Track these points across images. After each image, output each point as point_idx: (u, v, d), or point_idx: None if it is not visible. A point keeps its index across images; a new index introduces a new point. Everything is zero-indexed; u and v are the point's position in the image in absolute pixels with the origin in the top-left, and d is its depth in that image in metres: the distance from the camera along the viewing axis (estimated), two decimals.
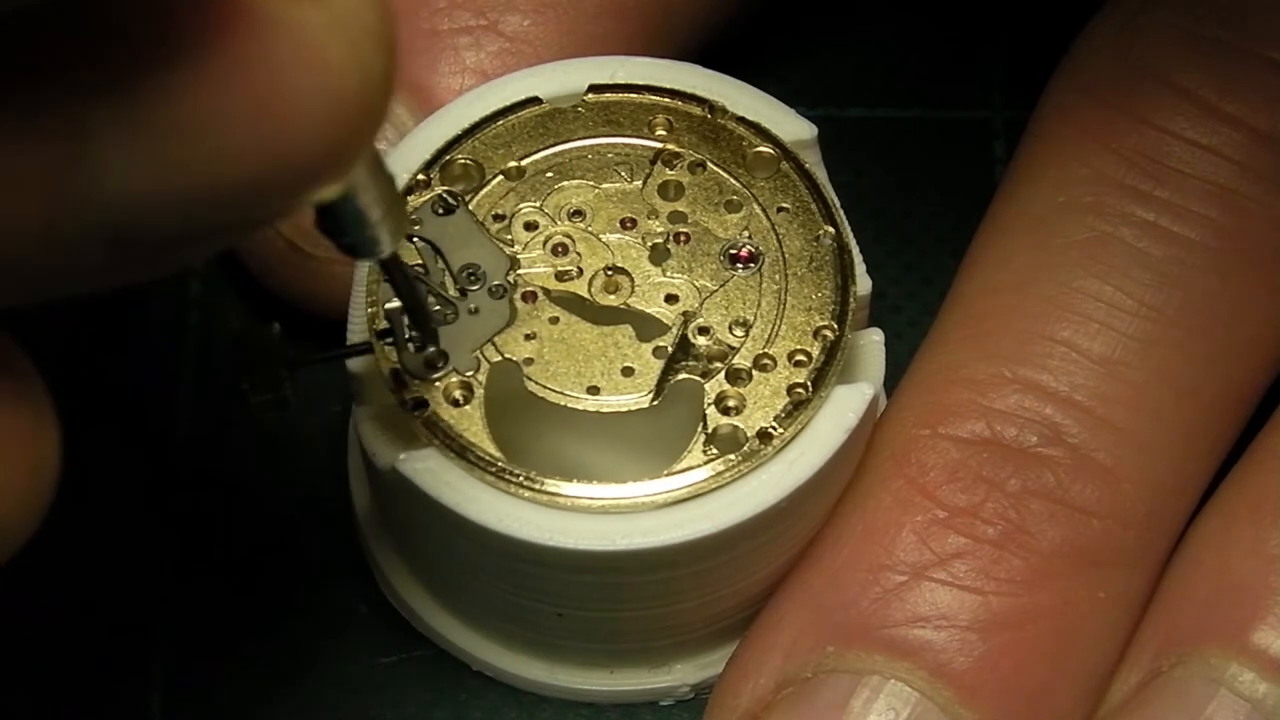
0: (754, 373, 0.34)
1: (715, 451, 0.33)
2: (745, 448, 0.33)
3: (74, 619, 0.38)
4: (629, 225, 0.35)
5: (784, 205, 0.35)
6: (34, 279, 0.23)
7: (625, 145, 0.36)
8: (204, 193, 0.22)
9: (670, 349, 0.34)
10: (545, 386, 0.34)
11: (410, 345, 0.33)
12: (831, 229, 0.35)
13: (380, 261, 0.31)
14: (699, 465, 0.33)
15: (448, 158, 0.36)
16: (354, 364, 0.34)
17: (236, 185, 0.22)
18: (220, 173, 0.22)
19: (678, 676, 0.37)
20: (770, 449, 0.33)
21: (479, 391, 0.34)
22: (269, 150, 0.22)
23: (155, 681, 0.37)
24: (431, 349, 0.33)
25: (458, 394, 0.33)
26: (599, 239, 0.35)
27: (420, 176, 0.35)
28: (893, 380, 0.36)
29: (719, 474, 0.33)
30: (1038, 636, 0.33)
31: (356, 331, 0.35)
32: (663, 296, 0.34)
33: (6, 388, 0.25)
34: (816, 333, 0.34)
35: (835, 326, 0.34)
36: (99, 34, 0.21)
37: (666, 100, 0.36)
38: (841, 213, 0.35)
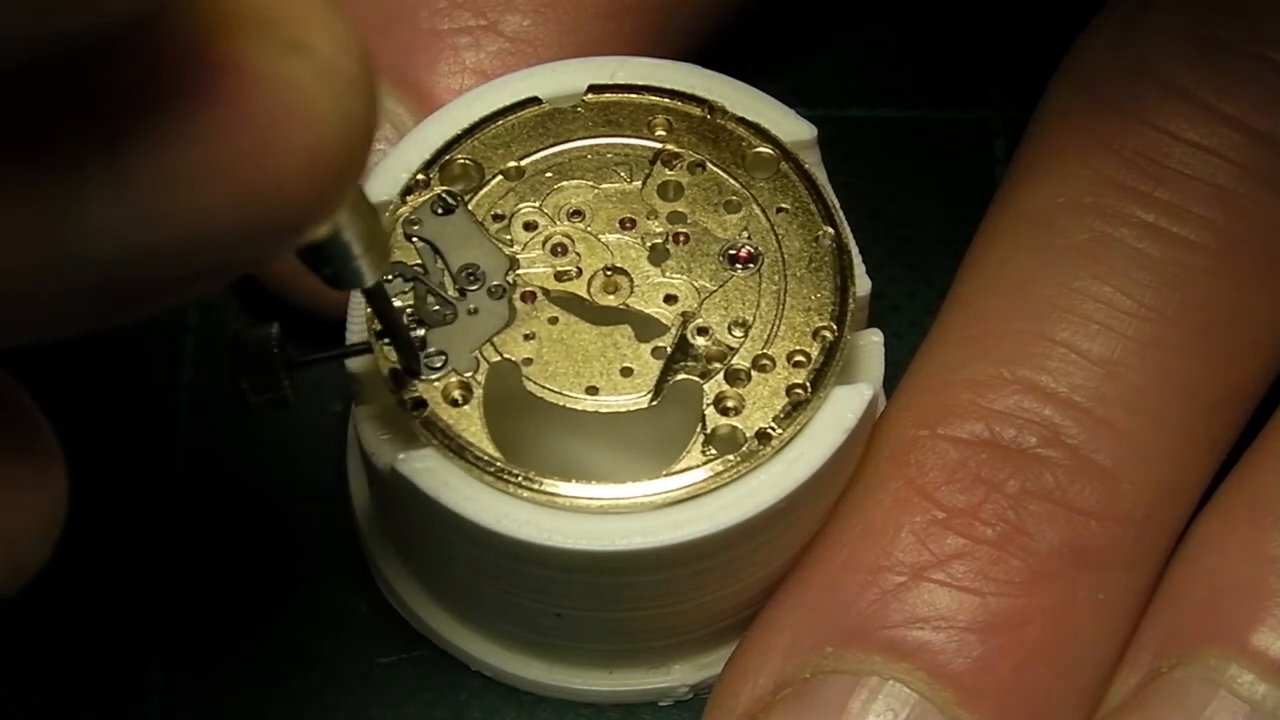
0: (753, 373, 0.34)
1: (714, 452, 0.33)
2: (744, 448, 0.33)
3: (74, 619, 0.38)
4: (628, 225, 0.35)
5: (783, 206, 0.35)
6: (22, 323, 0.23)
7: (625, 145, 0.36)
8: (191, 242, 0.22)
9: (669, 349, 0.34)
10: (544, 386, 0.34)
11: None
12: (831, 230, 0.35)
13: (363, 290, 0.31)
14: (698, 466, 0.33)
15: (447, 158, 0.36)
16: (353, 364, 0.34)
17: (223, 235, 0.22)
18: (207, 223, 0.22)
19: (676, 677, 0.37)
20: (769, 449, 0.33)
21: (478, 391, 0.34)
22: (255, 201, 0.22)
23: (155, 681, 0.37)
24: (413, 363, 0.33)
25: (457, 394, 0.33)
26: (598, 239, 0.35)
27: (420, 176, 0.35)
28: (893, 380, 0.36)
29: (718, 474, 0.33)
30: (1037, 637, 0.33)
31: (356, 331, 0.35)
32: (662, 297, 0.34)
33: (11, 433, 0.25)
34: (816, 333, 0.34)
35: (834, 327, 0.34)
36: (90, 87, 0.22)
37: (666, 100, 0.36)
38: (841, 213, 0.35)
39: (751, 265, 0.35)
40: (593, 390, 0.34)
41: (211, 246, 0.22)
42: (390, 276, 0.34)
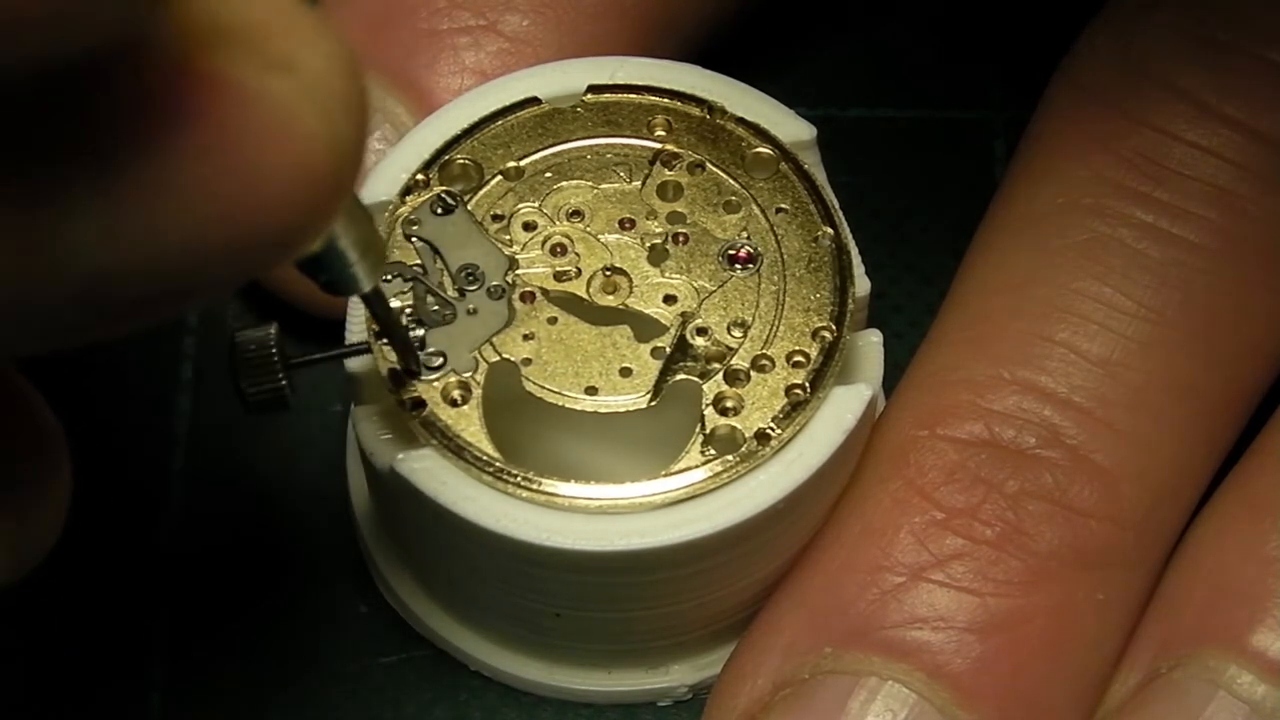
0: (752, 374, 0.34)
1: (713, 452, 0.33)
2: (743, 449, 0.33)
3: (74, 619, 0.38)
4: (628, 226, 0.35)
5: (783, 206, 0.35)
6: (7, 338, 0.23)
7: (624, 146, 0.36)
8: (176, 260, 0.22)
9: (668, 349, 0.34)
10: (543, 387, 0.34)
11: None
12: (830, 230, 0.35)
13: (360, 295, 0.31)
14: (697, 466, 0.33)
15: (447, 158, 0.36)
16: (353, 364, 0.34)
17: (209, 253, 0.22)
18: (192, 242, 0.22)
19: (675, 677, 0.37)
20: (768, 450, 0.33)
21: (477, 391, 0.34)
22: (241, 220, 0.22)
23: (155, 681, 0.37)
24: (412, 364, 0.33)
25: (456, 394, 0.33)
26: (598, 239, 0.35)
27: (419, 176, 0.35)
28: (893, 380, 0.36)
29: (717, 475, 0.33)
30: (1036, 638, 0.33)
31: (355, 331, 0.35)
32: (661, 297, 0.34)
33: (21, 429, 0.25)
34: (815, 334, 0.34)
35: (834, 327, 0.34)
36: (71, 106, 0.21)
37: (666, 101, 0.36)
38: (840, 214, 0.35)
39: (751, 265, 0.35)
40: (592, 390, 0.34)
41: (197, 264, 0.22)
42: (389, 276, 0.34)
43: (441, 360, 0.34)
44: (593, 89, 0.36)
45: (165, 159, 0.21)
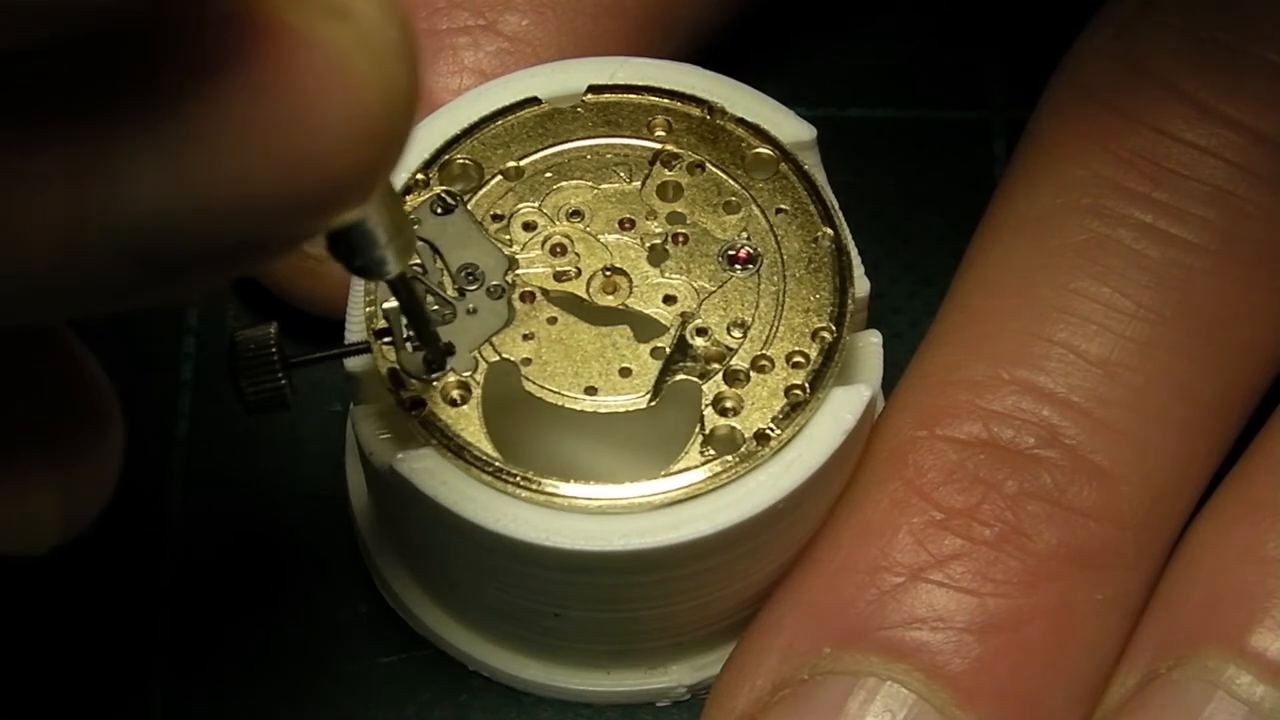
0: (752, 374, 0.34)
1: (713, 453, 0.33)
2: (743, 449, 0.33)
3: (74, 620, 0.38)
4: (627, 226, 0.35)
5: (783, 207, 0.35)
6: (60, 294, 0.23)
7: (624, 146, 0.36)
8: (230, 210, 0.22)
9: (668, 350, 0.34)
10: (543, 387, 0.34)
11: (409, 345, 0.34)
12: (830, 231, 0.35)
13: (388, 280, 0.31)
14: (696, 466, 0.33)
15: (447, 157, 0.36)
16: (352, 363, 0.34)
17: (262, 204, 0.22)
18: (246, 191, 0.22)
19: (674, 678, 0.37)
20: (768, 450, 0.33)
21: (476, 391, 0.34)
22: (296, 168, 0.22)
23: (155, 682, 0.37)
24: (434, 355, 0.33)
25: (455, 394, 0.34)
26: (597, 239, 0.35)
27: (419, 176, 0.35)
28: (892, 380, 0.36)
29: (716, 475, 0.33)
30: (1034, 638, 0.33)
31: (355, 331, 0.35)
32: (661, 297, 0.35)
33: (77, 393, 0.25)
34: (814, 334, 0.34)
35: (833, 328, 0.34)
36: (127, 50, 0.21)
37: (666, 101, 0.36)
38: (840, 215, 0.35)
39: (750, 266, 0.35)
40: (591, 390, 0.34)
41: (250, 215, 0.22)
42: None
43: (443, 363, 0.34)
44: (593, 89, 0.36)
45: (220, 103, 0.21)
